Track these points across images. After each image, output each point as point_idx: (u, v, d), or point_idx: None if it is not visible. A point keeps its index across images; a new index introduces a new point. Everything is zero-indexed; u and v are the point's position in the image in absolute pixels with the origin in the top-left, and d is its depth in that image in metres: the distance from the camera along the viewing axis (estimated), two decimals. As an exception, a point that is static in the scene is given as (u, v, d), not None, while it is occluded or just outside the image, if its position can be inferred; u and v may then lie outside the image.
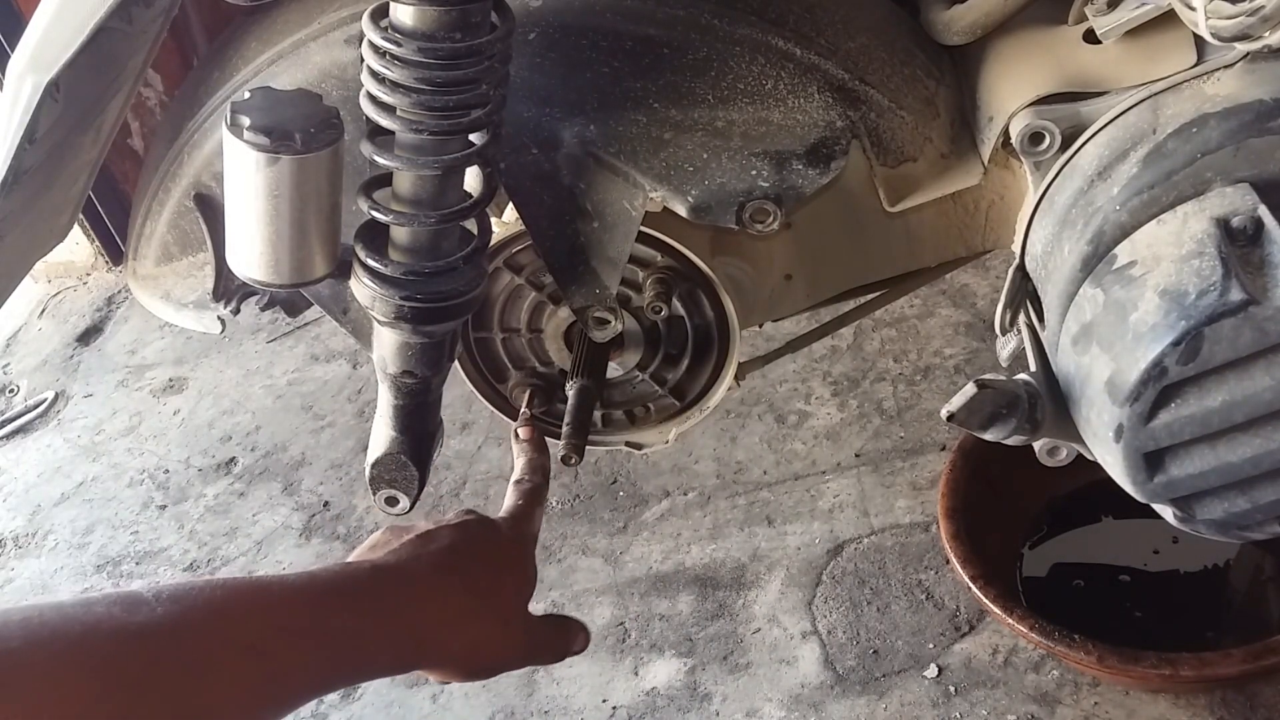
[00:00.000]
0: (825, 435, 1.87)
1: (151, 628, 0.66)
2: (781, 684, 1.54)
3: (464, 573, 0.85)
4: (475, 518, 0.90)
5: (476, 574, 0.85)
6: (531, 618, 0.90)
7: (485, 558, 0.87)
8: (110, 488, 2.14)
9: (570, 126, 1.06)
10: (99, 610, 0.66)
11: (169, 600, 0.68)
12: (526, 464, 1.01)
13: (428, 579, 0.82)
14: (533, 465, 1.00)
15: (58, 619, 0.64)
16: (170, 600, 0.68)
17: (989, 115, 1.10)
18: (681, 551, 1.75)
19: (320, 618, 0.75)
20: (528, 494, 0.96)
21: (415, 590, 0.81)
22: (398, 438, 1.03)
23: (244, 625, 0.71)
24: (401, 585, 0.81)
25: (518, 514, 0.94)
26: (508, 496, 0.96)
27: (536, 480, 0.99)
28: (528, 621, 0.89)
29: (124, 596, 0.67)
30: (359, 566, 0.81)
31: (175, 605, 0.68)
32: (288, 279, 0.91)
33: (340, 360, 2.30)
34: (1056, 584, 1.51)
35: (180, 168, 1.18)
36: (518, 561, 0.90)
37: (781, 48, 1.07)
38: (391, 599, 0.79)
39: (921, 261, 1.25)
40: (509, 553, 0.90)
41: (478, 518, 0.90)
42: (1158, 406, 0.90)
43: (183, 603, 0.69)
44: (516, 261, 1.18)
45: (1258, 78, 0.95)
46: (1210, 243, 0.89)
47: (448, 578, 0.83)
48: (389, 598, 0.79)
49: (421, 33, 0.88)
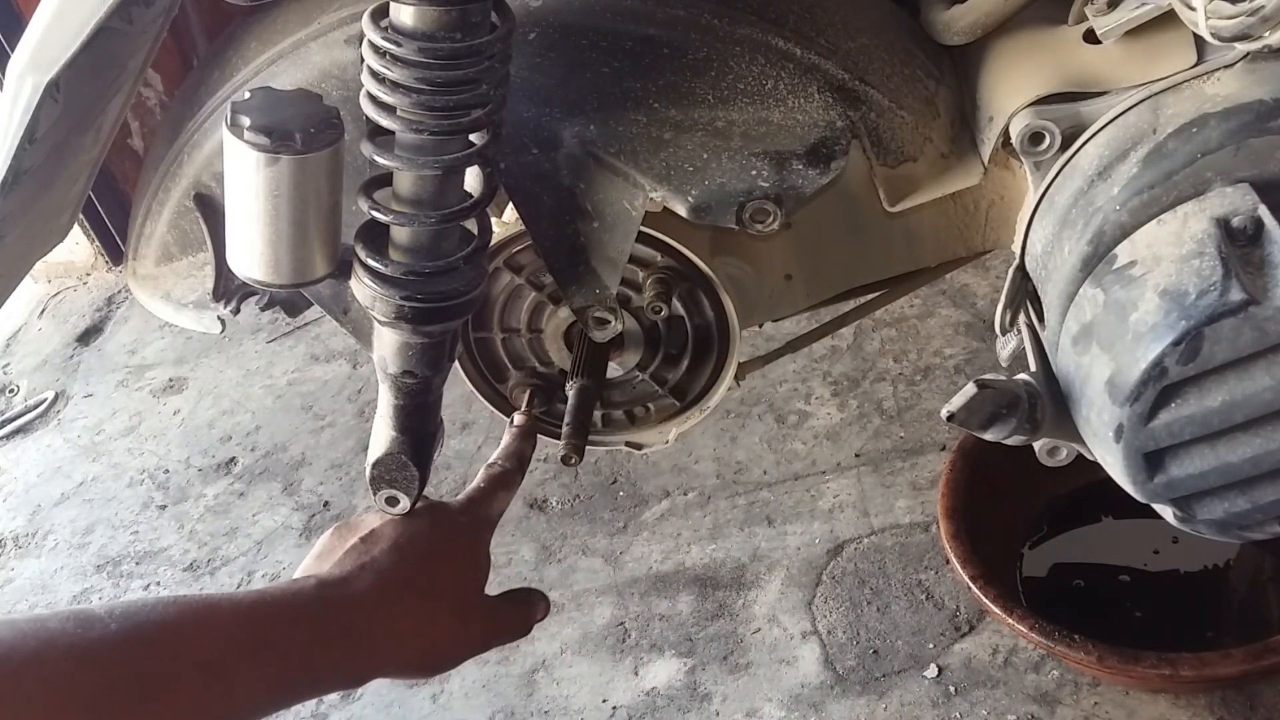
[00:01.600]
0: (825, 435, 1.87)
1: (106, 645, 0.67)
2: (781, 684, 1.54)
3: (411, 575, 0.83)
4: (423, 505, 0.89)
5: (424, 572, 0.84)
6: (488, 601, 0.89)
7: (432, 551, 0.86)
8: (110, 488, 2.14)
9: (570, 126, 1.06)
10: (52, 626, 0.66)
11: (121, 617, 0.68)
12: (504, 449, 1.00)
13: (373, 590, 0.81)
14: (510, 451, 1.00)
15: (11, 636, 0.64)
16: (123, 618, 0.68)
17: (989, 115, 1.10)
18: (681, 551, 1.75)
19: (270, 637, 0.75)
20: (494, 478, 0.95)
21: (361, 604, 0.80)
22: (398, 438, 1.03)
23: (197, 643, 0.71)
24: (346, 601, 0.80)
25: (476, 497, 0.93)
26: (476, 477, 0.96)
27: (509, 466, 0.98)
28: (485, 606, 0.88)
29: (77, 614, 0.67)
30: (304, 584, 0.80)
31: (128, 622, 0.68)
32: (288, 279, 0.91)
33: (340, 360, 2.30)
34: (1056, 584, 1.51)
35: (180, 168, 1.18)
36: (467, 549, 0.89)
37: (781, 48, 1.07)
38: (337, 617, 0.78)
39: (921, 261, 1.25)
40: (458, 541, 0.88)
41: (425, 505, 0.89)
42: (1158, 406, 0.90)
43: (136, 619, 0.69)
44: (516, 261, 1.18)
45: (1258, 78, 0.95)
46: (1210, 243, 0.89)
47: (392, 584, 0.82)
48: (336, 616, 0.78)
49: (421, 33, 0.87)
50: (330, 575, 0.82)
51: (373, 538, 0.85)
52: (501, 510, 0.95)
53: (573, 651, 1.65)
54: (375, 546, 0.84)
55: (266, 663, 0.74)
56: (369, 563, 0.83)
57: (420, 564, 0.85)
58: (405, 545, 0.85)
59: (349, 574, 0.82)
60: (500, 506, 0.95)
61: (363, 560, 0.83)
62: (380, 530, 0.86)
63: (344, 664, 0.79)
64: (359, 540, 0.85)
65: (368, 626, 0.80)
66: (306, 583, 0.81)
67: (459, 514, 0.91)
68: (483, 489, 0.94)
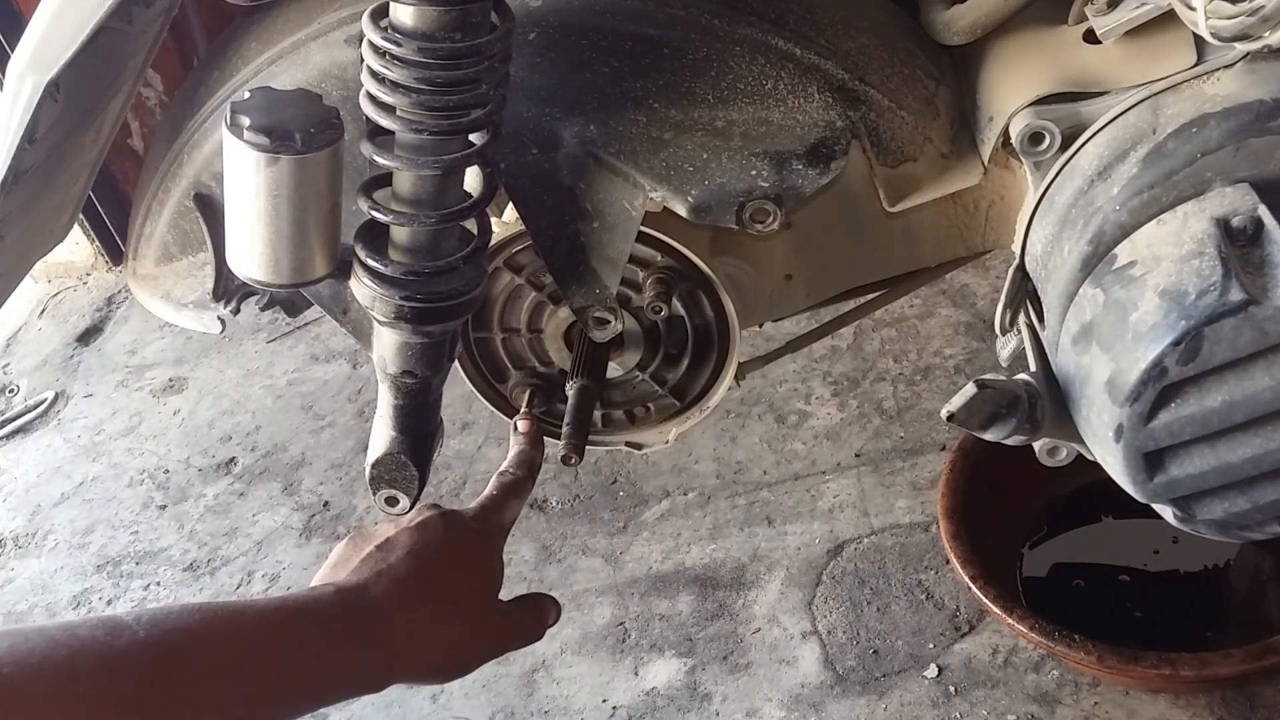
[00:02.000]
0: (825, 435, 1.87)
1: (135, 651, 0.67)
2: (781, 684, 1.54)
3: (427, 581, 0.84)
4: (436, 514, 0.89)
5: (440, 578, 0.85)
6: (503, 605, 0.90)
7: (447, 558, 0.87)
8: (110, 488, 2.14)
9: (570, 126, 1.06)
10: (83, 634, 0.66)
11: (150, 625, 0.69)
12: (515, 456, 1.00)
13: (391, 596, 0.82)
14: (521, 458, 1.00)
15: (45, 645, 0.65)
16: (151, 625, 0.69)
17: (989, 115, 1.10)
18: (681, 551, 1.75)
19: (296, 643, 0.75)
20: (507, 486, 0.96)
21: (380, 610, 0.81)
22: (398, 438, 1.03)
23: (224, 649, 0.72)
24: (366, 607, 0.80)
25: (489, 504, 0.94)
26: (489, 485, 0.96)
27: (520, 474, 0.98)
28: (499, 611, 0.89)
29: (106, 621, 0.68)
30: (324, 592, 0.81)
31: (156, 630, 0.69)
32: (288, 279, 0.91)
33: (340, 360, 2.30)
34: (1056, 584, 1.51)
35: (180, 168, 1.18)
36: (482, 556, 0.90)
37: (781, 48, 1.07)
38: (357, 623, 0.79)
39: (921, 261, 1.25)
40: (472, 548, 0.89)
41: (439, 513, 0.90)
42: (1158, 406, 0.90)
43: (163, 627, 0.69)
44: (516, 261, 1.18)
45: (1258, 78, 0.95)
46: (1210, 243, 0.89)
47: (410, 590, 0.83)
48: (355, 622, 0.79)
49: (421, 33, 0.88)
50: (348, 582, 0.82)
51: (389, 545, 0.85)
52: (514, 517, 0.95)
53: (573, 651, 1.65)
54: (392, 554, 0.85)
55: (293, 669, 0.75)
56: (386, 569, 0.83)
57: (437, 571, 0.85)
58: (421, 552, 0.85)
59: (367, 581, 0.82)
60: (513, 514, 0.95)
61: (380, 567, 0.83)
62: (396, 538, 0.86)
63: (365, 669, 0.79)
64: (375, 548, 0.85)
65: (387, 632, 0.80)
66: (325, 590, 0.81)
67: (473, 522, 0.91)
68: (495, 497, 0.94)
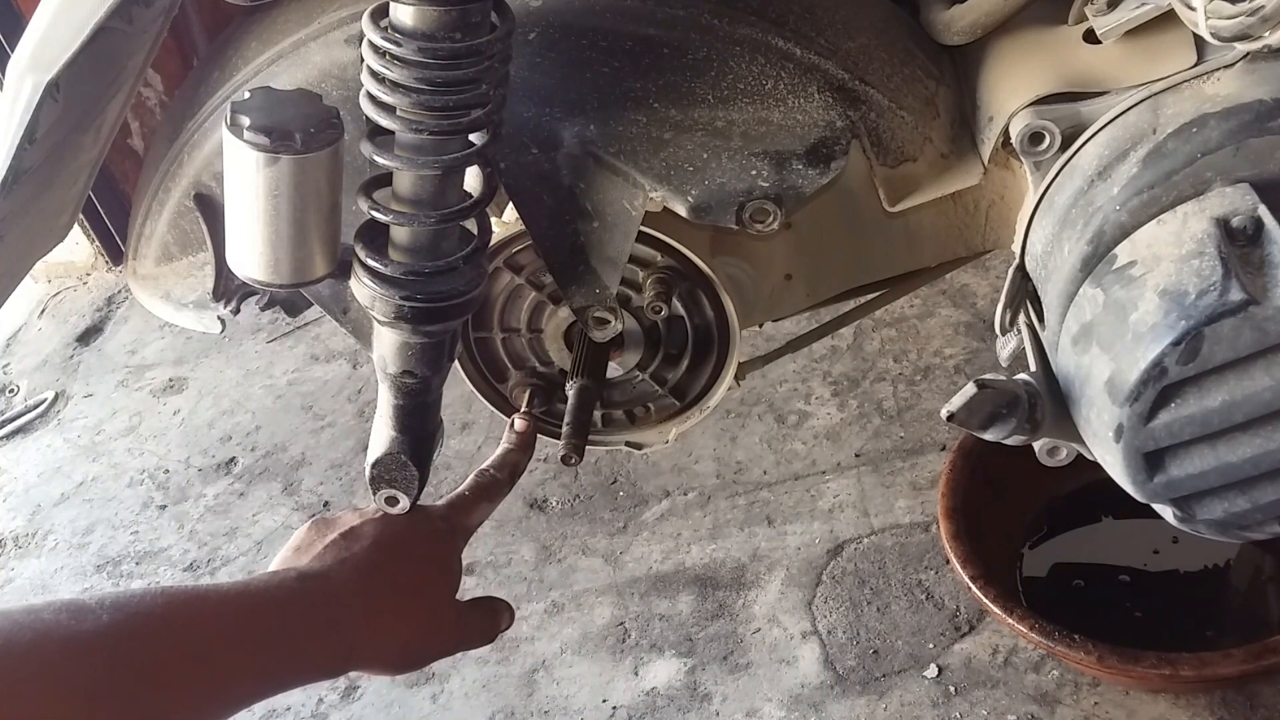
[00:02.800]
0: (825, 435, 1.87)
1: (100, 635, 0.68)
2: (781, 684, 1.54)
3: (389, 574, 0.85)
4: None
5: (401, 572, 0.86)
6: (459, 605, 0.91)
7: (409, 553, 0.87)
8: (110, 488, 2.14)
9: (570, 126, 1.06)
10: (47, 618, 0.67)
11: (113, 608, 0.69)
12: (500, 456, 1.01)
13: (352, 585, 0.83)
14: (505, 460, 1.00)
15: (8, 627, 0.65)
16: (114, 608, 0.69)
17: (989, 115, 1.10)
18: (681, 551, 1.75)
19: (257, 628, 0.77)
20: (481, 487, 0.96)
21: (341, 598, 0.82)
22: (398, 438, 1.03)
23: (188, 633, 0.72)
24: (328, 594, 0.81)
25: (458, 503, 0.94)
26: (466, 481, 0.96)
27: (500, 476, 0.98)
28: (456, 610, 0.90)
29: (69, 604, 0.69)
30: (286, 576, 0.82)
31: (120, 613, 0.69)
32: (288, 279, 0.91)
33: (340, 360, 2.30)
34: (1056, 584, 1.51)
35: (180, 168, 1.18)
36: (442, 555, 0.90)
37: (781, 48, 1.07)
38: (319, 608, 0.80)
39: (921, 261, 1.25)
40: (433, 547, 0.90)
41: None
42: (1158, 406, 0.90)
43: (126, 610, 0.70)
44: (516, 261, 1.18)
45: (1258, 78, 0.95)
46: (1210, 243, 0.89)
47: (372, 581, 0.84)
48: (317, 607, 0.80)
49: (421, 33, 0.88)
50: (310, 569, 0.83)
51: (353, 535, 0.86)
52: (481, 520, 0.96)
53: (573, 651, 1.65)
54: (356, 544, 0.85)
55: (254, 653, 0.76)
56: (349, 558, 0.84)
57: (398, 564, 0.86)
58: (385, 545, 0.86)
59: (329, 568, 0.83)
60: (481, 516, 0.96)
61: (343, 555, 0.84)
62: (360, 528, 0.87)
63: (325, 655, 0.80)
64: (339, 536, 0.86)
65: (348, 620, 0.81)
66: (288, 574, 0.82)
67: (439, 519, 0.92)
68: (466, 497, 0.95)
